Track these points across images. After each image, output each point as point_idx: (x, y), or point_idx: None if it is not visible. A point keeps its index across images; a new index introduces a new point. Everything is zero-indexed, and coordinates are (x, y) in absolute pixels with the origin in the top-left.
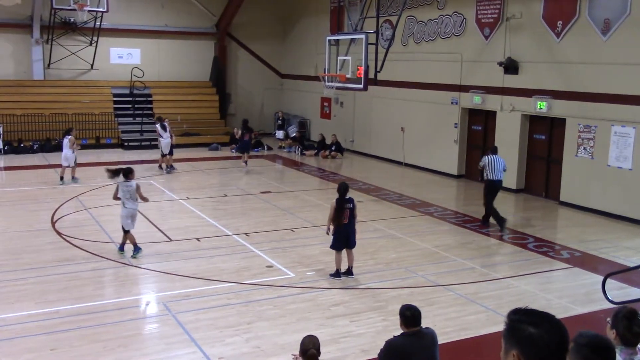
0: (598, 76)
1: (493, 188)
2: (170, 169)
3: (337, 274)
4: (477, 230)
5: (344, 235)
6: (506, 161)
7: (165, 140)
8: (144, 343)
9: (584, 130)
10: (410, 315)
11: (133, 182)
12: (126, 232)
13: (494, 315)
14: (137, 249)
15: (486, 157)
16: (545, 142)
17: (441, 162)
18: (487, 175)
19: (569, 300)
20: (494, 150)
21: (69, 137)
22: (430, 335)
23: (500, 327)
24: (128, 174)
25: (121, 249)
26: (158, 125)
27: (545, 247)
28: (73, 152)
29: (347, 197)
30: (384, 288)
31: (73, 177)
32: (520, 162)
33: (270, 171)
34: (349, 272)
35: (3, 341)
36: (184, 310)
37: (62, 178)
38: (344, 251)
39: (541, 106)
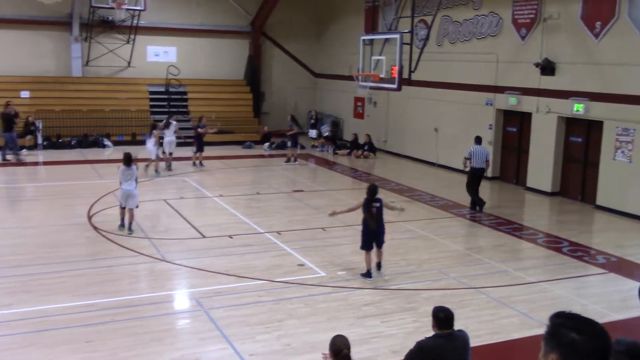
0: (638, 78)
1: (477, 176)
2: (166, 169)
3: (367, 274)
4: (511, 233)
5: (372, 235)
6: (542, 163)
7: (167, 139)
8: (176, 338)
9: (622, 133)
10: (443, 317)
11: (134, 167)
12: (123, 209)
13: (527, 319)
14: (130, 229)
15: (472, 148)
16: (581, 144)
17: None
18: (472, 164)
19: (605, 306)
20: (478, 141)
21: (155, 131)
22: (462, 337)
23: (533, 331)
24: (130, 160)
25: (122, 224)
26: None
27: (581, 252)
28: (154, 145)
29: (376, 197)
30: (416, 289)
31: (156, 170)
32: (556, 164)
33: (302, 170)
34: (378, 266)
35: (41, 332)
36: (216, 306)
37: (156, 171)
38: (374, 250)
39: (578, 108)
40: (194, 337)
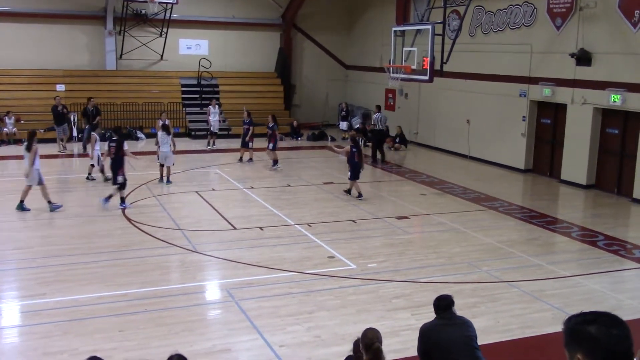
0: None
1: (381, 136)
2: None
3: (348, 191)
4: (544, 226)
5: (356, 170)
6: (577, 156)
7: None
8: (207, 328)
9: None
10: (443, 305)
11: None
12: (162, 166)
13: (560, 313)
14: (168, 181)
15: (377, 114)
16: (618, 136)
17: (508, 156)
18: (375, 126)
19: None
20: (379, 109)
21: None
22: (464, 320)
23: None
24: (167, 128)
25: (168, 181)
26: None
27: (616, 246)
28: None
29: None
30: (447, 282)
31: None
32: (591, 156)
33: (333, 162)
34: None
35: (76, 321)
36: (247, 297)
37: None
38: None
39: (615, 99)
40: (224, 328)
